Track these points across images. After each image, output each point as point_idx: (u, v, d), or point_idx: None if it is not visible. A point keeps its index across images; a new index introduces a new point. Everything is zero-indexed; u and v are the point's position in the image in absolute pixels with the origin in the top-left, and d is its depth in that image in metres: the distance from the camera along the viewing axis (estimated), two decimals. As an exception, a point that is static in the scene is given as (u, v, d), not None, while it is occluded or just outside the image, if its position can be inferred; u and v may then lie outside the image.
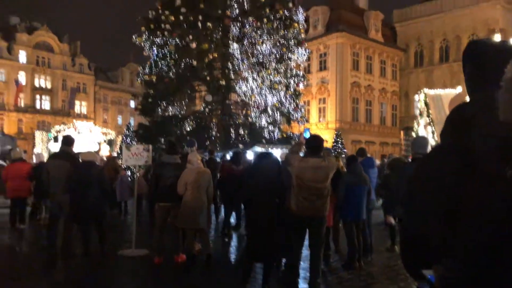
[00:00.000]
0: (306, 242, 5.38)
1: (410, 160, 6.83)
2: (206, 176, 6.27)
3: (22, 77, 51.21)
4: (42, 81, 53.99)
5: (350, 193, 6.17)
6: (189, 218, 6.07)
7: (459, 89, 14.48)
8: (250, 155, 12.71)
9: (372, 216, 7.61)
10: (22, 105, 51.54)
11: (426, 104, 14.51)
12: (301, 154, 5.36)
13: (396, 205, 5.92)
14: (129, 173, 16.67)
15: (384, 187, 8.10)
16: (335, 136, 28.05)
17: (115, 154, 19.01)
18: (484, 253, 1.01)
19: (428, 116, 14.30)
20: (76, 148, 7.83)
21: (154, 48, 18.20)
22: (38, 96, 53.49)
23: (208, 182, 6.29)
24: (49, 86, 54.45)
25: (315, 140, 5.27)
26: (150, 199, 9.22)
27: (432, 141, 12.13)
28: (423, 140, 5.33)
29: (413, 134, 15.49)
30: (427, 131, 14.09)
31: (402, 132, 22.38)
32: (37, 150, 22.46)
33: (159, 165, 6.81)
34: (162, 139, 16.66)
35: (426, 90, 15.71)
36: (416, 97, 15.99)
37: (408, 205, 1.29)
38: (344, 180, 6.22)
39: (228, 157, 12.66)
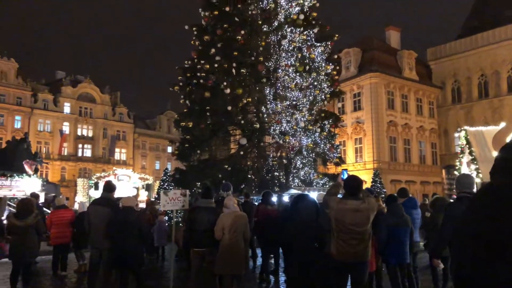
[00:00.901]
0: (349, 289, 5.13)
1: (454, 198, 6.51)
2: (242, 220, 6.20)
3: (66, 127, 53.81)
4: (84, 130, 56.45)
5: (391, 235, 5.91)
6: (226, 264, 5.96)
7: (502, 125, 13.97)
8: (286, 198, 12.54)
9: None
10: (65, 153, 53.79)
11: (467, 141, 14.04)
12: (339, 196, 5.22)
13: (442, 246, 5.59)
14: (166, 218, 16.78)
15: (427, 228, 7.72)
16: (373, 176, 27.44)
17: (152, 199, 19.27)
18: None
19: (470, 153, 13.79)
20: (116, 194, 7.97)
21: (191, 95, 18.78)
22: (80, 145, 55.78)
23: (245, 226, 6.20)
24: (90, 135, 56.79)
25: (354, 181, 5.12)
26: (185, 244, 9.16)
27: (477, 179, 11.61)
28: (468, 178, 5.08)
29: (456, 172, 14.92)
30: (471, 169, 13.54)
31: (444, 171, 21.63)
32: (79, 197, 23.12)
33: (194, 209, 6.77)
34: (199, 183, 16.80)
35: (466, 127, 15.27)
36: (456, 134, 15.55)
37: (460, 246, 1.20)
38: (385, 222, 5.99)
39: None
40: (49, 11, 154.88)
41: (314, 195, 11.64)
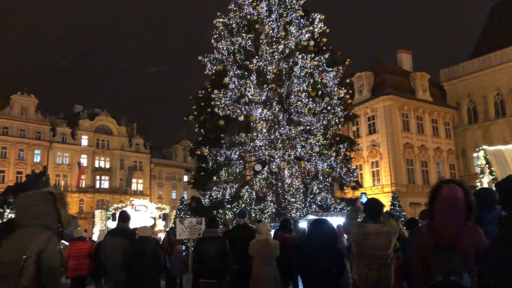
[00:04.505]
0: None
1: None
2: (269, 248, 6.20)
3: (84, 159, 54.55)
4: (102, 162, 57.12)
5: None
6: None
7: (522, 142, 13.66)
8: (303, 224, 12.35)
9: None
10: (83, 185, 54.32)
11: (487, 161, 13.72)
12: (359, 220, 5.10)
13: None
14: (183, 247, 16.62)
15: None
16: (391, 199, 26.95)
17: (168, 229, 19.18)
18: None
19: (491, 173, 13.46)
20: (134, 225, 7.93)
21: (205, 124, 18.94)
22: (98, 177, 56.33)
23: (272, 254, 6.20)
24: (108, 166, 57.39)
25: (375, 204, 4.98)
26: (195, 276, 9.01)
27: (499, 200, 11.27)
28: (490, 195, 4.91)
29: (477, 194, 14.50)
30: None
31: (464, 192, 21.14)
32: (96, 229, 23.17)
33: (200, 240, 6.73)
34: (215, 211, 16.71)
35: (485, 146, 14.95)
36: (475, 154, 15.20)
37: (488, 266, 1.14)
38: (408, 245, 5.81)
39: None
40: (66, 48, 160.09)
41: (332, 220, 11.44)
